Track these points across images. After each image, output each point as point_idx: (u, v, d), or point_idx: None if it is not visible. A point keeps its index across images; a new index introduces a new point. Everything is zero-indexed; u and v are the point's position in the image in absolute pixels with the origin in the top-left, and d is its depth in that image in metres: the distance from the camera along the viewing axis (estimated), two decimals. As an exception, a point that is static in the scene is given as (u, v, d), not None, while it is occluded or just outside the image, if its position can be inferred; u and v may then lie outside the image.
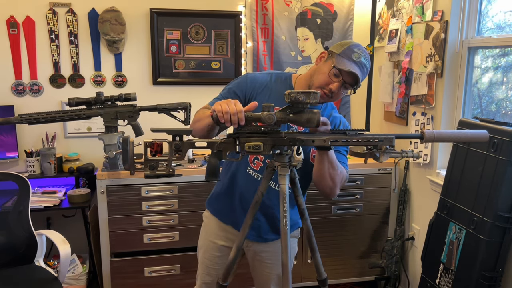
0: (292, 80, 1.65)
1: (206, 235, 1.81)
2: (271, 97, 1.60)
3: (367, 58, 1.52)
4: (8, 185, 2.38)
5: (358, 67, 1.49)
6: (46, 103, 2.93)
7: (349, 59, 1.49)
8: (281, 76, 1.67)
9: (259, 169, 1.65)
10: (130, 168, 1.35)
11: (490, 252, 1.97)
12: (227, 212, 1.74)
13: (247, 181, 1.66)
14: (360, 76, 1.49)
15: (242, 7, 3.11)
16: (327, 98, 1.54)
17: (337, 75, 1.50)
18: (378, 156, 1.33)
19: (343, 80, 1.49)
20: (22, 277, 2.26)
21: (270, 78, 1.65)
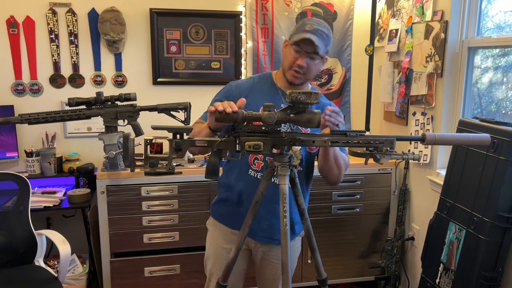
0: (273, 77, 1.71)
1: (214, 243, 1.78)
2: (257, 97, 1.64)
3: (322, 26, 1.57)
4: (8, 185, 2.38)
5: (313, 34, 1.53)
6: (46, 103, 2.93)
7: (303, 31, 1.55)
8: (263, 76, 1.74)
9: (261, 168, 1.65)
10: (130, 165, 1.36)
11: (490, 252, 1.97)
12: (234, 218, 1.70)
13: (250, 183, 1.65)
14: (317, 40, 1.52)
15: (242, 7, 3.11)
16: (302, 75, 1.59)
17: (297, 50, 1.56)
18: (379, 158, 1.33)
19: (304, 52, 1.54)
20: (22, 277, 2.26)
21: (253, 81, 1.72)
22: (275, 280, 1.78)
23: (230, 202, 1.72)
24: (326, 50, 1.59)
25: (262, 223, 1.68)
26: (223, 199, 1.76)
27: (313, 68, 1.60)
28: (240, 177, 1.68)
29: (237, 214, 1.70)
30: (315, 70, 1.61)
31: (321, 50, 1.55)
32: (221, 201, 1.77)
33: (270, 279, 1.80)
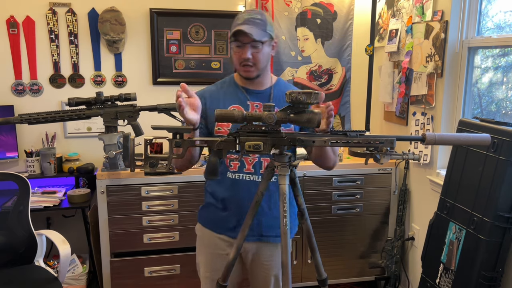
0: (234, 78, 1.74)
1: (204, 248, 1.78)
2: (222, 100, 1.67)
3: (254, 13, 1.58)
4: (8, 185, 2.38)
5: (245, 24, 1.54)
6: (46, 103, 2.93)
7: (235, 26, 1.57)
8: (225, 80, 1.76)
9: (238, 169, 1.65)
10: (130, 165, 1.36)
11: (490, 252, 1.97)
12: (219, 222, 1.71)
13: (229, 186, 1.66)
14: (248, 28, 1.53)
15: (242, 7, 3.11)
16: (253, 67, 1.60)
17: (237, 45, 1.58)
18: (379, 158, 1.33)
19: (243, 44, 1.56)
20: (22, 277, 2.26)
21: (216, 86, 1.74)
22: (267, 281, 1.77)
23: (214, 207, 1.72)
24: (266, 35, 1.58)
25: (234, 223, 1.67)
26: (207, 204, 1.76)
27: (261, 57, 1.59)
28: (219, 181, 1.68)
29: (221, 218, 1.70)
30: (264, 57, 1.60)
31: (258, 36, 1.54)
32: (206, 206, 1.77)
33: (262, 280, 1.78)
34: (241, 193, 1.65)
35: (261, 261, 1.74)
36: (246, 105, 1.66)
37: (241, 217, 1.64)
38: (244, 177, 1.65)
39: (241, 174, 1.65)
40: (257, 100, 1.67)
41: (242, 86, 1.69)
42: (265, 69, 1.66)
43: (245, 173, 1.65)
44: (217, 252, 1.73)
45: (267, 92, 1.69)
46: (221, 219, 1.70)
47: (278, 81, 1.74)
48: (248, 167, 1.65)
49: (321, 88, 3.26)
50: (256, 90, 1.68)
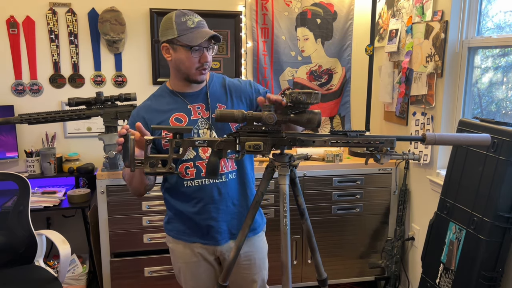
0: (168, 86, 1.67)
1: (178, 259, 1.74)
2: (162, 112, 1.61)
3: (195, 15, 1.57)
4: (8, 185, 2.38)
5: (201, 27, 1.54)
6: (46, 103, 2.93)
7: (190, 29, 1.52)
8: (158, 91, 1.70)
9: (196, 175, 1.61)
10: (130, 165, 1.35)
11: (490, 252, 1.97)
12: (189, 231, 1.67)
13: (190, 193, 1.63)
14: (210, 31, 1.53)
15: (242, 7, 3.11)
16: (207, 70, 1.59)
17: (199, 50, 1.52)
18: (379, 158, 1.33)
19: (203, 48, 1.53)
20: (22, 277, 2.26)
21: (151, 101, 1.67)
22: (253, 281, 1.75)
23: (179, 218, 1.68)
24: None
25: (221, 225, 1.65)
26: (172, 216, 1.71)
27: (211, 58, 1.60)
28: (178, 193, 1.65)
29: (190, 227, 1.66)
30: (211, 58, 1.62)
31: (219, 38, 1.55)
32: (171, 219, 1.72)
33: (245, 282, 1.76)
34: (205, 198, 1.62)
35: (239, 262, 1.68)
36: (188, 110, 1.62)
37: (211, 222, 1.63)
38: (203, 182, 1.61)
39: (200, 180, 1.61)
40: (196, 102, 1.63)
41: (178, 92, 1.64)
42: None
43: (204, 177, 1.61)
44: (192, 260, 1.70)
45: (203, 91, 1.65)
46: (190, 228, 1.67)
47: (211, 77, 1.70)
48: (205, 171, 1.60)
49: (321, 88, 3.26)
50: (192, 92, 1.64)
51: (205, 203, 1.62)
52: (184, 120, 1.60)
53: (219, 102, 1.65)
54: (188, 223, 1.67)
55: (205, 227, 1.64)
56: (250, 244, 1.71)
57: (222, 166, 1.62)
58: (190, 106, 1.62)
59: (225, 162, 1.63)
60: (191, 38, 1.51)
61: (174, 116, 1.60)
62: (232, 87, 1.69)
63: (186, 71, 1.57)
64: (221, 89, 1.68)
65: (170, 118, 1.60)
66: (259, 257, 1.76)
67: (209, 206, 1.62)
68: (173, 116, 1.60)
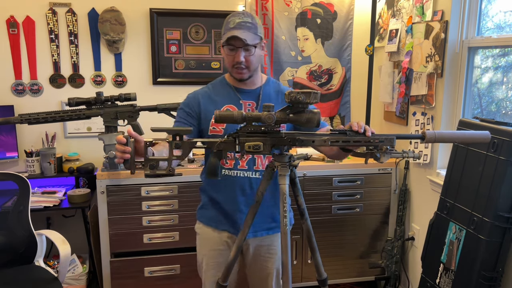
0: (226, 78, 1.78)
1: (204, 246, 1.81)
2: (215, 101, 1.71)
3: (245, 17, 1.62)
4: (8, 185, 2.38)
5: (238, 29, 1.59)
6: (46, 103, 2.93)
7: (228, 30, 1.62)
8: (217, 81, 1.80)
9: (234, 165, 1.69)
10: (130, 167, 1.35)
11: (490, 252, 1.97)
12: (220, 219, 1.75)
13: (226, 182, 1.70)
14: (241, 33, 1.58)
15: (242, 7, 3.11)
16: (245, 69, 1.64)
17: (230, 48, 1.62)
18: (379, 157, 1.33)
19: (237, 48, 1.60)
20: (22, 277, 2.26)
21: (208, 88, 1.78)
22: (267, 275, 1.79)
23: (211, 205, 1.77)
24: (257, 37, 1.63)
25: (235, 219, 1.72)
26: (206, 203, 1.80)
27: (253, 59, 1.64)
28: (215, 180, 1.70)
29: (220, 215, 1.74)
30: (256, 59, 1.66)
31: (250, 40, 1.59)
32: (205, 205, 1.80)
33: (261, 275, 1.80)
34: (236, 190, 1.69)
35: (260, 254, 1.78)
36: (239, 104, 1.70)
37: (238, 213, 1.71)
38: (238, 173, 1.69)
39: (235, 171, 1.69)
40: (249, 99, 1.72)
41: (234, 86, 1.73)
42: (256, 70, 1.71)
43: (239, 169, 1.69)
44: (219, 248, 1.76)
45: (257, 91, 1.73)
46: (220, 216, 1.74)
47: (268, 80, 1.78)
48: (242, 164, 1.69)
49: (321, 88, 3.26)
50: (247, 90, 1.72)
51: (236, 195, 1.70)
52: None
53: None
54: (219, 210, 1.74)
55: (233, 217, 1.71)
56: (275, 239, 1.78)
57: (259, 163, 1.69)
58: (242, 101, 1.71)
59: (262, 160, 1.69)
60: (224, 37, 1.62)
61: (225, 107, 1.69)
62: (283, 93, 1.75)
63: (227, 67, 1.69)
64: (274, 94, 1.75)
65: (221, 108, 1.68)
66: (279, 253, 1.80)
67: (239, 198, 1.70)
68: (225, 106, 1.69)
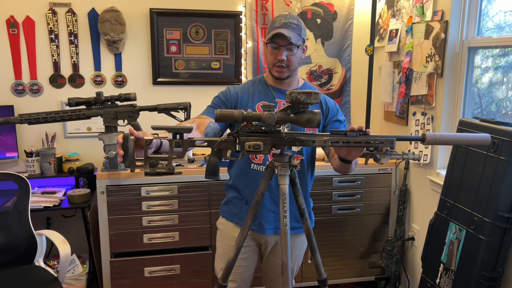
0: (265, 77, 1.82)
1: (224, 241, 1.83)
2: (252, 96, 1.76)
3: (290, 18, 1.66)
4: (8, 185, 2.38)
5: (283, 28, 1.62)
6: (46, 103, 2.93)
7: (273, 28, 1.65)
8: (256, 79, 1.85)
9: (262, 161, 1.71)
10: (130, 166, 1.35)
11: (490, 252, 1.97)
12: (242, 215, 1.76)
13: (254, 176, 1.72)
14: (287, 32, 1.60)
15: (242, 7, 3.11)
16: (285, 68, 1.68)
17: (273, 46, 1.65)
18: (379, 158, 1.33)
19: (280, 46, 1.63)
20: (22, 277, 2.26)
21: (247, 84, 1.82)
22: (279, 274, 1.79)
23: (237, 200, 1.80)
24: (301, 39, 1.66)
25: (268, 215, 1.75)
26: (231, 198, 1.83)
27: (294, 59, 1.67)
28: (242, 174, 1.76)
29: (245, 211, 1.74)
30: (296, 59, 1.69)
31: (295, 40, 1.62)
32: (229, 200, 1.84)
33: (276, 272, 1.84)
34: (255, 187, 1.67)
35: (278, 252, 1.80)
36: (274, 103, 1.73)
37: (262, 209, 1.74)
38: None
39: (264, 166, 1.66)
40: (284, 98, 1.70)
41: (271, 85, 1.77)
42: (295, 71, 1.74)
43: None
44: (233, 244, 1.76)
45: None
46: (243, 213, 1.76)
47: (304, 84, 1.82)
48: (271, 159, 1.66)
49: (321, 88, 3.26)
50: (284, 90, 1.76)
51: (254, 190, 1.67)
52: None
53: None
54: (243, 207, 1.76)
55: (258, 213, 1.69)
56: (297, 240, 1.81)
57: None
58: (277, 100, 1.75)
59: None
60: (269, 35, 1.65)
61: (260, 103, 1.73)
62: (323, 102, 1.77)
63: (268, 65, 1.72)
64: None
65: (257, 103, 1.73)
66: (296, 253, 1.84)
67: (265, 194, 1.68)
68: (260, 103, 1.73)
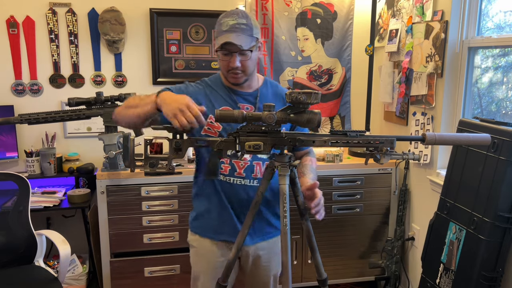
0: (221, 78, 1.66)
1: (202, 258, 1.72)
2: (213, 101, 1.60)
3: (238, 18, 1.51)
4: (8, 185, 2.38)
5: (232, 32, 1.49)
6: (46, 103, 2.93)
7: (221, 33, 1.51)
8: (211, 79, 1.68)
9: (229, 172, 1.62)
10: (130, 166, 1.36)
11: (490, 252, 1.97)
12: (217, 228, 1.67)
13: (221, 188, 1.63)
14: (237, 38, 1.47)
15: (242, 7, 3.11)
16: (241, 74, 1.55)
17: (224, 53, 1.52)
18: (379, 158, 1.33)
19: (232, 52, 1.50)
20: (22, 277, 2.26)
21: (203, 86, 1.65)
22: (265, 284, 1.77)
23: (207, 214, 1.68)
24: (253, 39, 1.53)
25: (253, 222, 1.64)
26: (201, 212, 1.71)
27: (249, 63, 1.55)
28: (211, 186, 1.64)
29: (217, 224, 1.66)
30: (252, 63, 1.56)
31: (246, 45, 1.49)
32: (199, 215, 1.72)
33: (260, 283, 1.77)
34: (232, 197, 1.63)
35: (261, 263, 1.73)
36: (237, 108, 1.61)
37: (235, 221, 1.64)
38: (235, 181, 1.62)
39: (232, 178, 1.61)
40: (246, 102, 1.63)
41: (230, 88, 1.64)
42: (253, 73, 1.62)
43: (236, 177, 1.61)
44: (218, 259, 1.68)
45: (254, 94, 1.65)
46: (217, 225, 1.66)
47: (265, 82, 1.70)
48: (239, 171, 1.61)
49: (321, 88, 3.26)
50: (245, 92, 1.64)
51: (233, 202, 1.63)
52: None
53: None
54: (216, 219, 1.66)
55: (231, 225, 1.64)
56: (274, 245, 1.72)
57: (257, 170, 1.62)
58: (240, 104, 1.62)
59: (261, 167, 1.62)
60: (217, 42, 1.52)
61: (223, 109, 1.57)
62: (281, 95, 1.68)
63: (222, 71, 1.60)
64: (272, 96, 1.67)
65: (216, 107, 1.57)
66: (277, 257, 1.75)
67: (236, 206, 1.63)
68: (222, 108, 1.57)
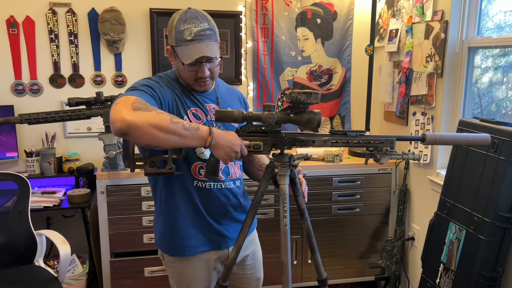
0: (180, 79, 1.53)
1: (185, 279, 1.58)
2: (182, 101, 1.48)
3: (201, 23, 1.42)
4: (8, 185, 2.38)
5: (200, 41, 1.39)
6: (46, 103, 2.93)
7: (185, 42, 1.39)
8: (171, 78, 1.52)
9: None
10: (130, 165, 1.35)
11: (490, 252, 1.97)
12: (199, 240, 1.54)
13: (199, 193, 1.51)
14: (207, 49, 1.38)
15: (242, 7, 3.11)
16: (210, 81, 1.48)
17: (192, 64, 1.40)
18: (379, 158, 1.33)
19: (200, 62, 1.41)
20: (22, 277, 2.26)
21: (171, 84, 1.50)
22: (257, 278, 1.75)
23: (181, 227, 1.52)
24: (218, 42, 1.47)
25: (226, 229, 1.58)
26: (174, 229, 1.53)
27: (217, 69, 1.48)
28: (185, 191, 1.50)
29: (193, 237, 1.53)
30: (218, 67, 1.49)
31: (217, 52, 1.43)
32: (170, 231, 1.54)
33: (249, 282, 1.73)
34: (212, 203, 1.53)
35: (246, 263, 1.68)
36: (205, 108, 1.51)
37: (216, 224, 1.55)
38: (215, 185, 1.52)
39: (212, 183, 1.51)
40: (211, 102, 1.54)
41: (192, 88, 1.51)
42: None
43: (215, 181, 1.52)
44: (202, 274, 1.58)
45: (214, 93, 1.57)
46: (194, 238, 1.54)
47: (217, 82, 1.61)
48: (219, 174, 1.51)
49: (321, 88, 3.26)
50: (206, 93, 1.54)
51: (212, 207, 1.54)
52: (202, 118, 1.50)
53: (230, 106, 1.58)
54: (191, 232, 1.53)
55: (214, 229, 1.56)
56: (253, 242, 1.71)
57: (232, 171, 1.57)
58: (207, 105, 1.52)
59: (234, 167, 1.58)
60: (183, 53, 1.39)
61: (192, 110, 1.48)
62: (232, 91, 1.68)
63: (186, 81, 1.49)
64: (226, 93, 1.63)
65: (189, 109, 1.48)
66: (259, 254, 1.75)
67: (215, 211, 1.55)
68: (193, 109, 1.49)
